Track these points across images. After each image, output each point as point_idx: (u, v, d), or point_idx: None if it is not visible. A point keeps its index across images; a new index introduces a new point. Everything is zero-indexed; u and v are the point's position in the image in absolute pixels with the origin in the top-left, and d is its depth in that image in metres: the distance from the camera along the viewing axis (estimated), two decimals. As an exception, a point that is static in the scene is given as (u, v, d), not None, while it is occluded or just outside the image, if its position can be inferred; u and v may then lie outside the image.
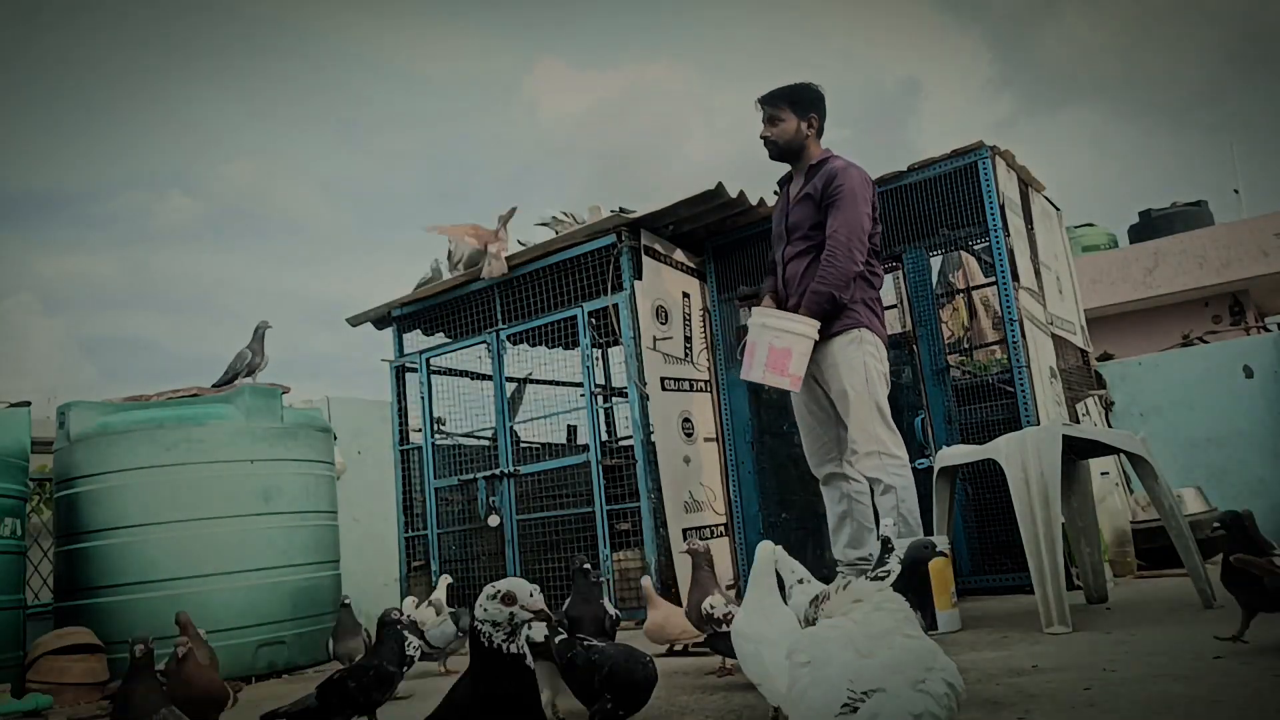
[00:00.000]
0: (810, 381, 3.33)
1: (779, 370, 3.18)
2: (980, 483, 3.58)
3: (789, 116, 3.38)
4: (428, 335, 4.84)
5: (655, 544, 3.75)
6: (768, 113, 3.40)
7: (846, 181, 3.23)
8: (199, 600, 3.44)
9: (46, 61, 57.66)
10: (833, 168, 3.30)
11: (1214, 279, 9.05)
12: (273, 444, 3.76)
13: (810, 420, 3.40)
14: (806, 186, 3.36)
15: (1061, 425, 2.71)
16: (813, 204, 3.30)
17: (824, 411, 3.36)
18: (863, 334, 3.20)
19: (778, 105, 3.39)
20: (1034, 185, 4.16)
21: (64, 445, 3.72)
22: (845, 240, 3.18)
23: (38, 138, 68.60)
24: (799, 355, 3.15)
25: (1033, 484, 2.57)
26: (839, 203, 3.21)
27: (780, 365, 3.18)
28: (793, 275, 3.34)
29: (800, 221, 3.34)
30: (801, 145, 3.39)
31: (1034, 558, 2.52)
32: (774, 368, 3.19)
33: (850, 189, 3.22)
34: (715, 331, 4.35)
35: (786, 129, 3.38)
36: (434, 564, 4.48)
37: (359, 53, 78.71)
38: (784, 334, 3.18)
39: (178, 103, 71.73)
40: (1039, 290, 3.84)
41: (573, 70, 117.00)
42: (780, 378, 3.19)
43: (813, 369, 3.29)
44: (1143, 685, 1.74)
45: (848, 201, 3.20)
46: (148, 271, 77.72)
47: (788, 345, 3.17)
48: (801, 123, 3.38)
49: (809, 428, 3.41)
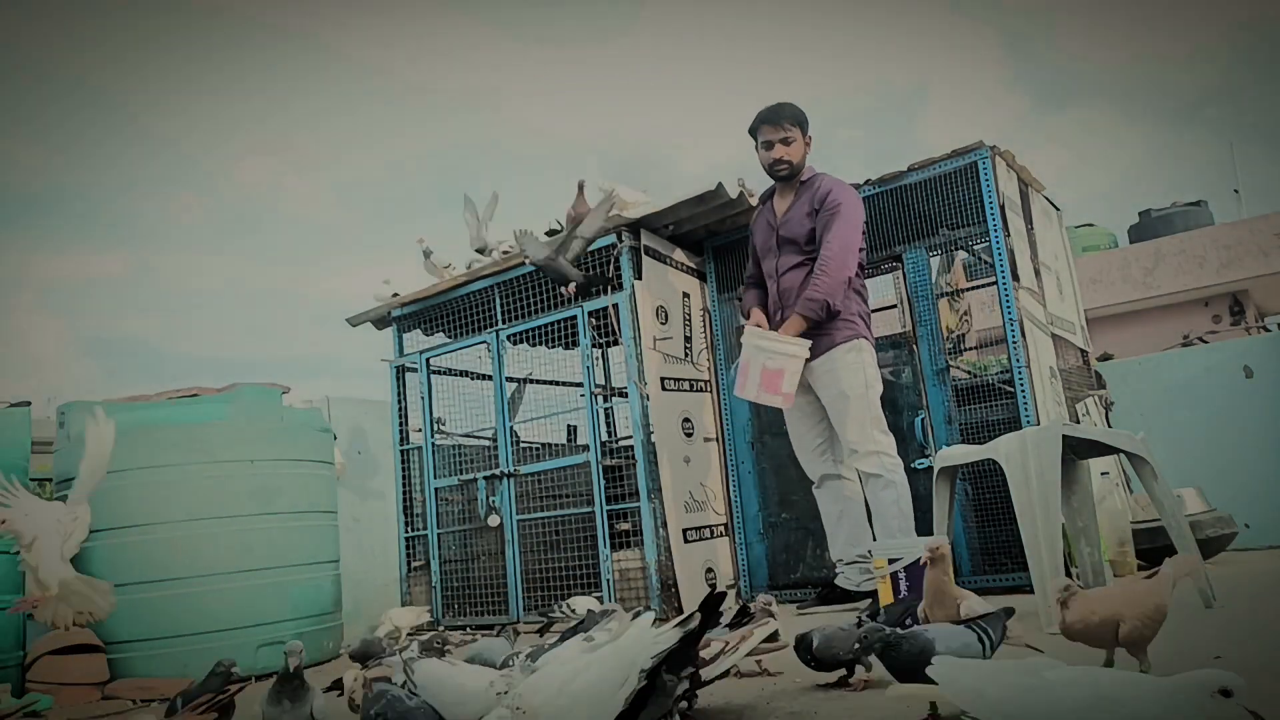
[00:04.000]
0: (802, 386, 3.40)
1: (773, 390, 3.36)
2: (980, 483, 3.58)
3: (798, 136, 3.49)
4: (428, 335, 4.84)
5: (655, 544, 3.76)
6: (780, 134, 3.46)
7: (845, 199, 3.39)
8: (199, 600, 3.44)
9: (52, 61, 57.68)
10: (827, 184, 3.44)
11: (1214, 279, 9.06)
12: (273, 444, 3.76)
13: (801, 426, 3.54)
14: (799, 202, 3.48)
15: (1061, 425, 2.71)
16: (810, 219, 3.42)
17: (813, 417, 3.49)
18: (861, 344, 3.36)
19: (790, 126, 3.46)
20: (1034, 185, 4.16)
21: (64, 445, 3.72)
22: (840, 252, 3.31)
23: (41, 137, 68.61)
24: (790, 375, 3.31)
25: (1033, 484, 2.57)
26: (836, 218, 3.35)
27: (774, 385, 3.36)
28: (789, 288, 3.47)
29: (797, 236, 3.46)
30: (803, 165, 3.52)
31: (1034, 558, 2.52)
32: (768, 387, 3.37)
33: (848, 206, 3.38)
34: (715, 331, 4.35)
35: (798, 149, 3.49)
36: (434, 564, 4.48)
37: (365, 53, 78.71)
38: (777, 355, 3.35)
39: (191, 101, 71.68)
40: (1039, 290, 3.85)
41: (577, 69, 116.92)
42: (774, 396, 3.37)
43: (806, 374, 3.38)
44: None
45: (844, 218, 3.36)
46: (151, 271, 77.75)
47: (780, 366, 3.35)
48: (805, 141, 3.50)
49: (800, 433, 3.56)
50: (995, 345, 4.08)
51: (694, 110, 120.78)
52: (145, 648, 3.40)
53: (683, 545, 3.86)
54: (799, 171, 3.50)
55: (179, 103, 72.38)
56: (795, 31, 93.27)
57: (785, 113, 3.45)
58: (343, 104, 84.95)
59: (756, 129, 3.49)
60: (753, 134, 3.51)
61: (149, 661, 3.38)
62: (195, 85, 71.82)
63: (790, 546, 4.12)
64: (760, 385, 3.37)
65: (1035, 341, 3.59)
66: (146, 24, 64.18)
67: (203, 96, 71.41)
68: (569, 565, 4.01)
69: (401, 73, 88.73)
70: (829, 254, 3.32)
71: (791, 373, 3.32)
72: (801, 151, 3.49)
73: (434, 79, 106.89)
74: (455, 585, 4.46)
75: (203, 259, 79.83)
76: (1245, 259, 8.92)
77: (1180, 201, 10.15)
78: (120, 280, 78.75)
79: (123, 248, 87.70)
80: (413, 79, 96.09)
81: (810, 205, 3.43)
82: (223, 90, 73.68)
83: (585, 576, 3.92)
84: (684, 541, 3.87)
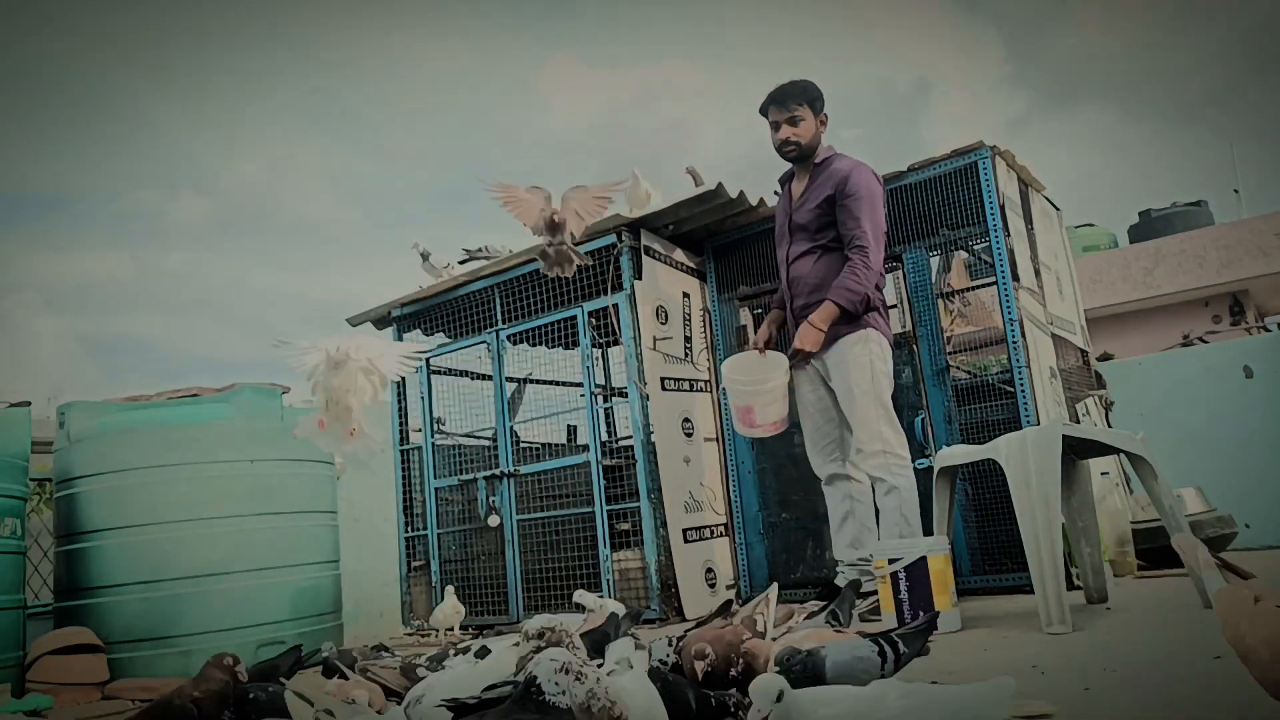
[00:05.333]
0: (817, 381, 3.36)
1: (748, 424, 3.34)
2: (980, 483, 3.58)
3: (809, 115, 3.31)
4: (428, 335, 4.84)
5: (655, 544, 3.76)
6: (787, 114, 3.31)
7: (865, 181, 3.22)
8: (199, 600, 3.44)
9: (57, 62, 57.79)
10: (844, 167, 3.25)
11: (1214, 279, 9.06)
12: (273, 444, 3.76)
13: (817, 419, 3.42)
14: (814, 186, 3.33)
15: (1061, 425, 2.70)
16: (824, 204, 3.27)
17: (829, 411, 3.38)
18: (869, 334, 3.21)
19: (798, 105, 3.30)
20: (1034, 185, 4.15)
21: (64, 445, 3.72)
22: (875, 241, 3.19)
23: (45, 137, 68.74)
24: (763, 407, 3.27)
25: (1033, 484, 2.57)
26: (860, 205, 3.19)
27: (747, 419, 3.33)
28: (797, 275, 3.35)
29: (808, 222, 3.32)
30: (817, 144, 3.35)
31: (1034, 558, 2.52)
32: (743, 422, 3.36)
33: (870, 190, 3.22)
34: (715, 331, 4.35)
35: (808, 129, 3.32)
36: (434, 564, 4.48)
37: (370, 53, 78.90)
38: (741, 393, 3.32)
39: (193, 101, 71.85)
40: (1039, 290, 3.84)
41: (584, 67, 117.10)
42: (752, 430, 3.35)
43: (819, 368, 3.31)
44: (1143, 685, 1.74)
45: (868, 203, 3.20)
46: (153, 271, 77.92)
47: (748, 403, 3.30)
48: (817, 121, 3.33)
49: (814, 427, 3.43)
50: (983, 348, 4.09)
51: (694, 110, 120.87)
52: (145, 648, 3.40)
53: (683, 545, 3.86)
54: (810, 153, 3.32)
55: (184, 103, 72.55)
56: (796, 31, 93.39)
57: (791, 92, 3.28)
58: (344, 104, 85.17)
59: (766, 110, 3.34)
60: (763, 114, 3.37)
61: (149, 661, 3.38)
62: (201, 87, 71.95)
63: (790, 546, 4.12)
64: (739, 421, 3.38)
65: (1035, 341, 3.58)
66: (153, 24, 64.33)
67: (208, 97, 71.56)
68: (569, 565, 4.01)
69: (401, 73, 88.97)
70: (865, 244, 3.15)
71: (765, 405, 3.25)
72: (812, 131, 3.30)
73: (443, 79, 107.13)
74: (455, 585, 4.46)
75: (207, 257, 79.94)
76: (1245, 259, 8.93)
77: (1180, 201, 10.15)
78: (120, 280, 78.89)
79: (124, 248, 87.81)
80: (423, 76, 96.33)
81: (828, 190, 3.25)
82: (227, 91, 73.84)
83: (585, 576, 3.92)
84: (684, 541, 3.87)
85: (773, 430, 3.32)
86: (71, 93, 62.89)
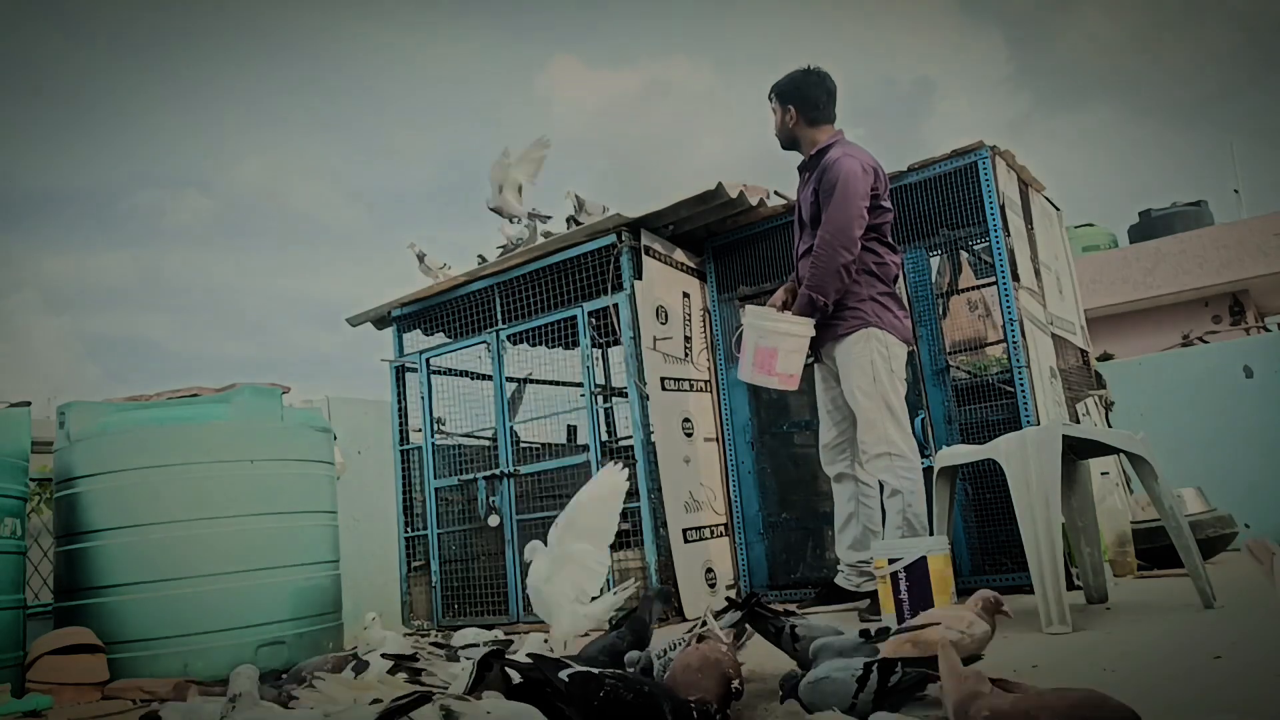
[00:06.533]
0: (830, 380, 3.35)
1: (766, 370, 3.16)
2: (980, 483, 3.58)
3: (776, 108, 3.40)
4: (428, 335, 4.85)
5: (655, 544, 3.76)
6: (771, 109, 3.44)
7: (838, 174, 3.12)
8: (199, 600, 3.43)
9: (60, 62, 57.78)
10: (828, 159, 3.22)
11: (1214, 279, 9.07)
12: (273, 444, 3.76)
13: (835, 415, 3.40)
14: (809, 178, 3.35)
15: (1061, 425, 2.71)
16: (814, 196, 3.26)
17: (836, 412, 3.38)
18: (870, 332, 3.16)
19: (770, 98, 3.42)
20: (1034, 185, 4.16)
21: (64, 445, 3.72)
22: (830, 239, 3.11)
23: (47, 137, 68.75)
24: (786, 354, 3.12)
25: (1033, 484, 2.57)
26: (830, 198, 3.13)
27: (767, 365, 3.16)
28: (803, 270, 3.33)
29: (807, 216, 3.33)
30: (792, 136, 3.38)
31: (1034, 558, 2.52)
32: (761, 367, 3.18)
33: (841, 181, 3.11)
34: (715, 331, 4.35)
35: (776, 121, 3.41)
36: (434, 564, 4.48)
37: (373, 53, 78.91)
38: (770, 334, 3.17)
39: (194, 102, 71.86)
40: (1039, 290, 3.84)
41: (586, 68, 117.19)
42: (769, 377, 3.17)
43: (832, 366, 3.31)
44: (1143, 685, 1.74)
45: (837, 196, 3.10)
46: (155, 271, 77.91)
47: (774, 345, 3.15)
48: (784, 114, 3.36)
49: (829, 424, 3.42)
50: (975, 351, 4.10)
51: (693, 109, 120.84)
52: (145, 648, 3.39)
53: (683, 545, 3.86)
54: (790, 144, 3.39)
55: (185, 102, 72.53)
56: (795, 32, 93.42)
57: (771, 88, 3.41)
58: (345, 104, 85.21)
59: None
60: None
61: (149, 661, 3.37)
62: (203, 86, 71.93)
63: (790, 546, 4.12)
64: (754, 365, 3.19)
65: (1035, 341, 3.58)
66: (155, 24, 64.33)
67: (210, 97, 71.53)
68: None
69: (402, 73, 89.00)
70: (819, 245, 3.12)
71: (788, 351, 3.12)
72: (779, 123, 3.37)
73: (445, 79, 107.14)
74: (455, 585, 4.46)
75: (209, 257, 79.96)
76: (1245, 259, 8.93)
77: (1180, 201, 10.16)
78: (121, 280, 78.88)
79: (124, 247, 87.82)
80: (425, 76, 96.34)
81: (813, 182, 3.26)
82: (229, 90, 73.82)
83: (585, 576, 3.91)
84: (684, 541, 3.87)
85: (789, 384, 3.18)
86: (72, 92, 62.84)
